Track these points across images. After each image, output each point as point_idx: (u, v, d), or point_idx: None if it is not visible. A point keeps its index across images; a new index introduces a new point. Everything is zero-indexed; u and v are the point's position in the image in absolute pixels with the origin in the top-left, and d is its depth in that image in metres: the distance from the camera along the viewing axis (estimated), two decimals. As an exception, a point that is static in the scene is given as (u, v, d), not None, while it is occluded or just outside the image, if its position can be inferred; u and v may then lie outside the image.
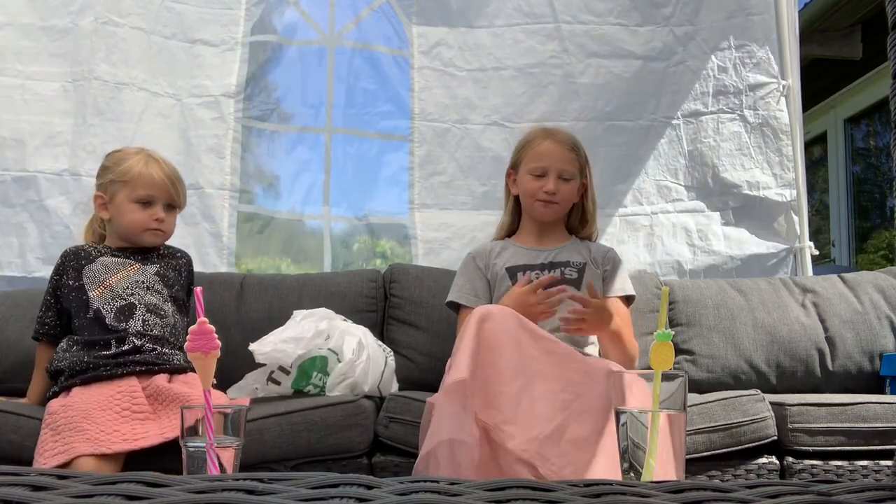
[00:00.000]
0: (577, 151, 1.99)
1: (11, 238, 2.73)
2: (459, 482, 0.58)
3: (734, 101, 2.97)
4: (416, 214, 2.98)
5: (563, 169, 1.95)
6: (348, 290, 2.43)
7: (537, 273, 1.92)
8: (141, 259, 1.95)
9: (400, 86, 3.04)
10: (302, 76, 3.07)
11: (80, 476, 0.55)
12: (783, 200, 2.90)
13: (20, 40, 2.79)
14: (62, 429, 1.58)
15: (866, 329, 2.36)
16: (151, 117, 2.83)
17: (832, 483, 0.60)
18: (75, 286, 1.88)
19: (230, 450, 1.00)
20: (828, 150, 6.28)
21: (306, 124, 3.08)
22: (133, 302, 1.85)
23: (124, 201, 1.90)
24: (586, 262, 1.96)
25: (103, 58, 2.79)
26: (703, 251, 2.92)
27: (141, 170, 1.91)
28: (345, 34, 3.07)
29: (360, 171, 3.10)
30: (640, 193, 2.99)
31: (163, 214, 1.93)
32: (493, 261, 2.00)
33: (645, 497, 0.55)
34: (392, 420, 1.84)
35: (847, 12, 5.32)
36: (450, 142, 3.01)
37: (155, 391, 1.72)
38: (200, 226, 2.83)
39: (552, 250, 1.99)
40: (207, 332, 0.98)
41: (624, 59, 2.98)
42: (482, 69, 3.02)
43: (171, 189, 1.94)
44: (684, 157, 2.98)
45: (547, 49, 3.00)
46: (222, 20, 2.93)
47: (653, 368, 1.04)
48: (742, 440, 1.84)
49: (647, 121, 3.00)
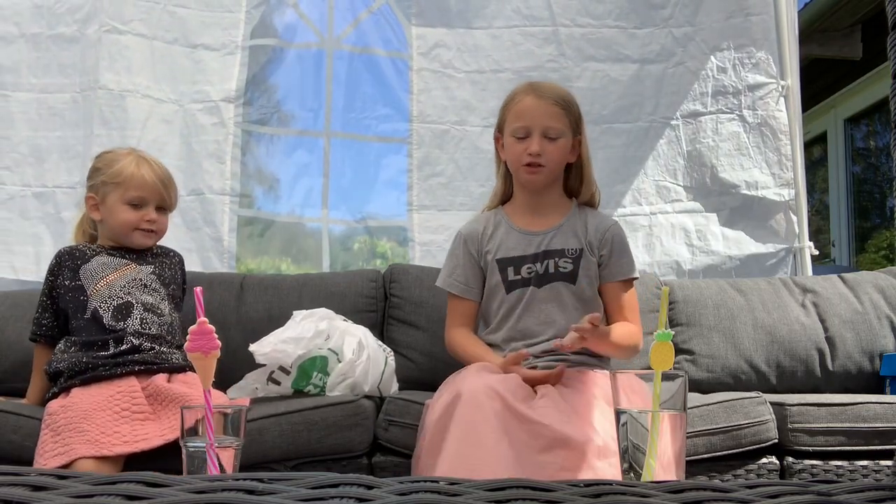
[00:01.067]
0: (566, 106, 1.77)
1: (28, 247, 2.80)
2: (459, 482, 0.58)
3: (733, 102, 2.97)
4: (415, 216, 2.99)
5: (549, 126, 1.73)
6: (348, 290, 2.43)
7: (530, 268, 1.78)
8: (136, 258, 1.94)
9: (398, 88, 3.05)
10: (301, 80, 3.08)
11: (80, 476, 0.55)
12: (781, 200, 2.90)
13: (32, 52, 2.84)
14: (62, 429, 1.58)
15: (866, 329, 2.36)
16: (155, 124, 2.85)
17: (832, 483, 0.60)
18: (72, 286, 1.87)
19: (230, 450, 1.00)
20: (828, 150, 6.28)
21: (305, 128, 3.09)
22: (130, 301, 1.85)
23: (116, 203, 1.90)
24: (582, 248, 1.79)
25: (107, 66, 2.82)
26: (701, 251, 2.92)
27: (133, 171, 1.90)
28: (343, 38, 3.08)
29: (359, 174, 3.11)
30: (640, 194, 2.99)
31: (154, 216, 1.92)
32: (486, 247, 1.83)
33: (645, 497, 0.55)
34: (391, 423, 1.84)
35: (847, 12, 5.32)
36: (448, 143, 3.01)
37: (154, 391, 1.72)
38: (202, 230, 2.85)
39: (547, 233, 1.80)
40: (207, 332, 0.98)
41: (620, 62, 2.99)
42: (480, 71, 3.03)
43: (162, 191, 1.93)
44: (683, 157, 2.98)
45: (544, 52, 3.01)
46: (223, 23, 2.94)
47: (653, 368, 1.04)
48: (743, 443, 1.84)
49: (645, 122, 3.00)
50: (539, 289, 1.77)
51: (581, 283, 1.77)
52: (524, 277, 1.77)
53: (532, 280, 1.77)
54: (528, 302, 1.77)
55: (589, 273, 1.78)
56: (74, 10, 2.85)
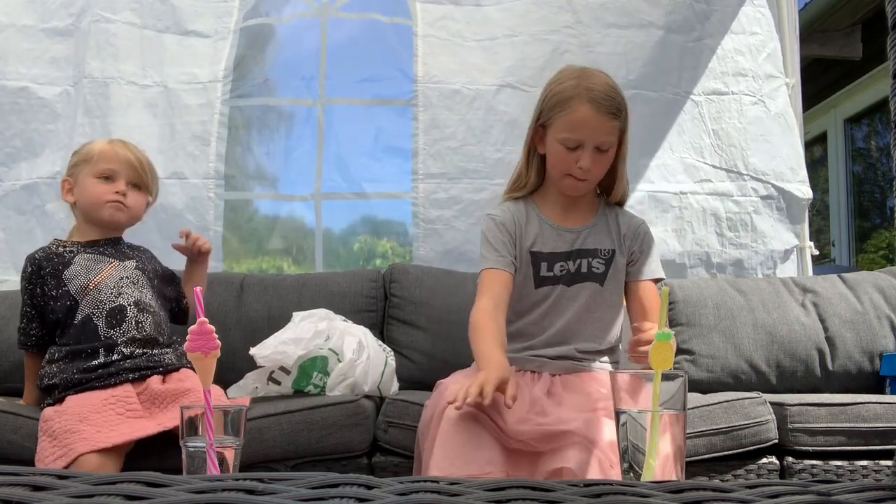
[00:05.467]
0: (620, 115, 1.64)
1: (25, 245, 2.73)
2: (459, 482, 0.58)
3: (754, 86, 2.87)
4: (421, 186, 2.73)
5: (602, 141, 1.62)
6: (348, 290, 2.43)
7: (562, 266, 1.68)
8: (115, 253, 1.88)
9: (402, 51, 2.78)
10: (293, 50, 2.90)
11: (80, 476, 0.55)
12: (802, 196, 2.85)
13: (21, 42, 2.78)
14: (58, 433, 1.56)
15: (866, 329, 2.36)
16: (139, 109, 2.75)
17: (832, 483, 0.60)
18: (59, 294, 1.79)
19: (230, 450, 1.00)
20: (828, 150, 6.28)
21: (298, 97, 2.88)
22: (122, 304, 1.79)
23: (87, 178, 1.84)
24: (614, 249, 1.72)
25: (94, 55, 2.74)
26: (731, 243, 2.82)
27: (102, 147, 1.87)
28: (340, 6, 2.89)
29: (356, 143, 2.80)
30: (667, 170, 2.84)
31: (124, 188, 1.85)
32: (523, 235, 1.70)
33: (645, 497, 0.55)
34: (391, 425, 1.84)
35: (847, 12, 5.32)
36: (459, 104, 2.73)
37: (150, 395, 1.70)
38: (185, 218, 2.69)
39: (580, 231, 1.71)
40: (207, 332, 0.98)
41: (644, 28, 2.83)
42: (492, 38, 2.79)
43: (135, 164, 1.87)
44: (709, 135, 2.86)
45: (561, 19, 2.81)
46: (217, 12, 2.84)
47: (653, 368, 1.04)
48: (743, 443, 1.84)
49: (670, 94, 2.85)
50: (568, 288, 1.69)
51: (609, 286, 1.72)
52: (556, 275, 1.70)
53: (563, 279, 1.70)
54: (555, 300, 1.69)
55: (617, 276, 1.73)
56: (69, 3, 2.79)
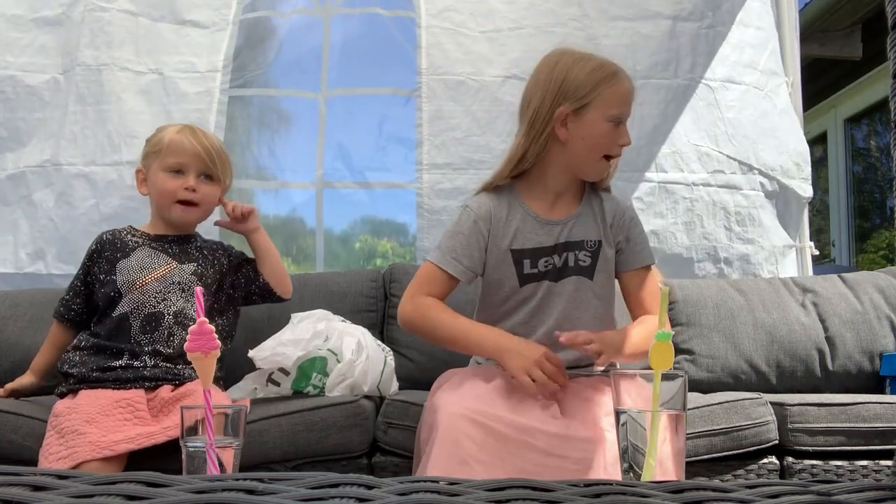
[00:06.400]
0: None
1: (8, 236, 2.71)
2: (459, 482, 0.58)
3: (762, 79, 2.85)
4: (425, 177, 2.72)
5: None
6: (348, 290, 2.43)
7: (547, 261, 1.62)
8: (178, 253, 1.87)
9: (405, 43, 2.79)
10: (295, 47, 2.89)
11: (80, 476, 0.55)
12: (802, 194, 2.84)
13: (10, 31, 2.75)
14: (66, 432, 1.57)
15: (866, 329, 2.36)
16: (132, 96, 2.72)
17: (832, 483, 0.60)
18: (107, 280, 1.81)
19: (230, 450, 1.00)
20: (828, 150, 6.28)
21: (300, 88, 2.88)
22: (161, 311, 1.79)
23: (157, 171, 1.83)
24: (600, 239, 1.64)
25: (87, 43, 2.71)
26: (738, 238, 2.80)
27: (171, 137, 1.83)
28: (341, 3, 2.88)
29: (360, 133, 2.81)
30: (681, 159, 2.81)
31: (193, 182, 1.82)
32: (500, 234, 1.62)
33: (645, 497, 0.55)
34: (390, 425, 1.84)
35: (847, 12, 5.32)
36: (464, 95, 2.74)
37: (160, 402, 1.71)
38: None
39: (566, 222, 1.64)
40: (207, 332, 0.98)
41: (651, 19, 2.82)
42: (497, 30, 2.79)
43: (204, 157, 1.82)
44: (724, 123, 2.82)
45: (566, 12, 2.81)
46: (214, 3, 2.82)
47: (653, 368, 1.04)
48: (743, 444, 1.84)
49: (684, 80, 2.82)
50: (555, 283, 1.63)
51: (598, 279, 1.65)
52: (541, 271, 1.63)
53: (549, 274, 1.63)
54: (543, 297, 1.63)
55: (606, 268, 1.66)
56: None
